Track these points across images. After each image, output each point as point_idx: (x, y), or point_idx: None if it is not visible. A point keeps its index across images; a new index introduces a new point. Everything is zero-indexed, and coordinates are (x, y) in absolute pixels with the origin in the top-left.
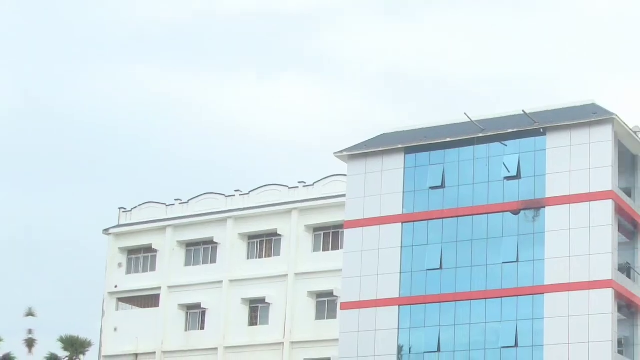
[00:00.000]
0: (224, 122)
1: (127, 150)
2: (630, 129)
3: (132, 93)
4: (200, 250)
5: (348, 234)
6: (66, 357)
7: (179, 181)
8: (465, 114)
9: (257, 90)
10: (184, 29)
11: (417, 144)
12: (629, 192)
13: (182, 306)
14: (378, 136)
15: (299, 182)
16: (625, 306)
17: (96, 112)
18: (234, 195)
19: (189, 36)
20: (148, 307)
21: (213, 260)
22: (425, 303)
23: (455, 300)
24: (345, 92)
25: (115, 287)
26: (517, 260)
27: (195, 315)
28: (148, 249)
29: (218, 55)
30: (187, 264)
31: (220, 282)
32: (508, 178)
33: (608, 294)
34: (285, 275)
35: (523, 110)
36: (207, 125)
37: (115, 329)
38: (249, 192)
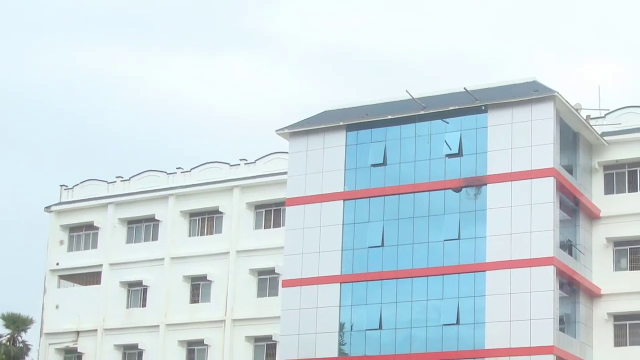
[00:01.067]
0: (165, 99)
1: (69, 127)
2: (572, 106)
3: (74, 71)
4: (142, 227)
5: (289, 211)
6: (8, 334)
7: (121, 159)
8: (406, 91)
9: (199, 68)
10: (123, 7)
11: (358, 122)
12: (570, 170)
13: (123, 283)
14: (320, 113)
15: (241, 160)
16: (567, 283)
17: (37, 89)
18: (175, 173)
19: (128, 14)
20: (89, 284)
21: (155, 238)
22: (366, 280)
23: (396, 278)
24: (287, 70)
25: (57, 264)
26: (459, 238)
27: (136, 292)
28: (89, 227)
29: (158, 32)
30: (129, 241)
31: (162, 259)
32: (449, 155)
33: (549, 271)
34: (227, 253)
35: (464, 88)
36: (149, 103)
37: (57, 307)
38: (191, 169)
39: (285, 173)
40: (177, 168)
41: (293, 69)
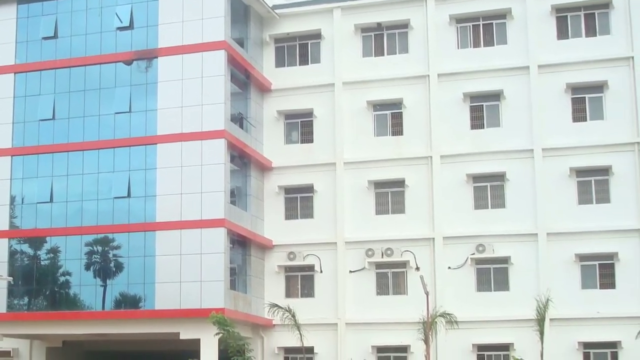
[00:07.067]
0: None
1: None
2: None
3: None
4: None
5: None
6: None
7: None
8: None
9: None
10: None
11: None
12: (241, 43)
13: None
14: None
15: None
16: (238, 156)
17: None
18: None
19: None
20: None
21: None
22: (37, 154)
23: (67, 151)
24: None
25: None
26: (130, 111)
27: None
28: None
29: None
30: None
31: None
32: (120, 28)
33: (220, 144)
34: None
35: None
36: None
37: None
38: None
39: None
40: None
41: None
